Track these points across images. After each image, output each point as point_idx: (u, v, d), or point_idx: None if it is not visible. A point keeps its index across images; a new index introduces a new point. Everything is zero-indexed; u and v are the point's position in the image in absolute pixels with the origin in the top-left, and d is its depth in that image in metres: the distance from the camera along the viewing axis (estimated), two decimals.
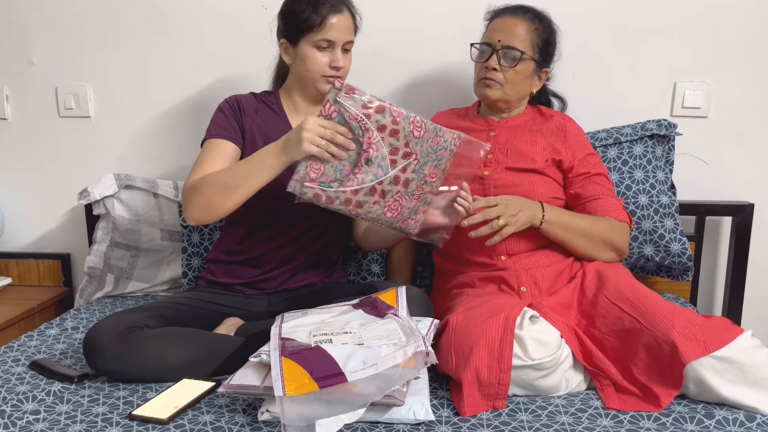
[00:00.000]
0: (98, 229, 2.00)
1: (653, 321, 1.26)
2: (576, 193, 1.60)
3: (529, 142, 1.61)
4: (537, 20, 1.59)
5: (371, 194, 1.32)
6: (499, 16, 1.61)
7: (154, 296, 1.96)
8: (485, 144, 1.41)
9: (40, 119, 2.10)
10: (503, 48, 1.55)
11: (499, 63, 1.55)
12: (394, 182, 1.33)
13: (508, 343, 1.22)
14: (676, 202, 1.82)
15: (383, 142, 1.29)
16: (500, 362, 1.21)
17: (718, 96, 1.94)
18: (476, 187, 1.56)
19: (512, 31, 1.56)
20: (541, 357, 1.23)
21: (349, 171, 1.30)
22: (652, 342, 1.24)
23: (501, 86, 1.57)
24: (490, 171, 1.58)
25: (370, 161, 1.29)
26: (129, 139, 2.09)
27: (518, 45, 1.55)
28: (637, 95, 1.95)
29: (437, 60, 1.97)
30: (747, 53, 1.91)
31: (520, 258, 1.52)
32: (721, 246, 2.02)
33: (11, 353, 1.49)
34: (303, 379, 1.11)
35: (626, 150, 1.81)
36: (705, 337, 1.21)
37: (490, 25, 1.62)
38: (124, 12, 2.01)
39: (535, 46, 1.58)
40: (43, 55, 2.06)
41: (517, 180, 1.56)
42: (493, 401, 1.22)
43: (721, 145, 1.96)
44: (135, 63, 2.04)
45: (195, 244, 1.86)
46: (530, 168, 1.57)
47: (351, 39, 1.53)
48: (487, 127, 1.65)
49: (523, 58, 1.55)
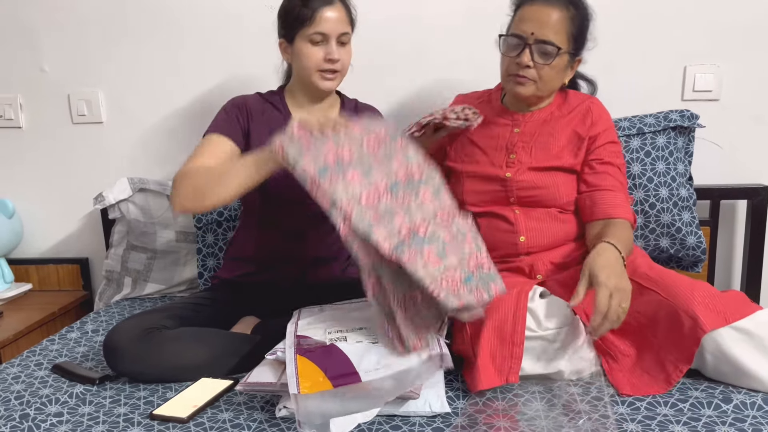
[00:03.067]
0: (114, 233, 2.03)
1: (673, 292, 1.26)
2: (586, 180, 1.52)
3: (554, 136, 1.52)
4: (572, 7, 1.45)
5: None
6: (530, 2, 1.45)
7: (171, 297, 1.98)
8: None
9: (53, 126, 2.13)
10: (537, 42, 1.42)
11: (532, 59, 1.43)
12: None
13: (521, 318, 1.23)
14: (694, 195, 1.80)
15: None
16: (513, 336, 1.22)
17: (729, 78, 1.92)
18: (497, 188, 1.50)
19: (546, 22, 1.41)
20: (554, 327, 1.24)
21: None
22: (672, 313, 1.23)
23: (534, 83, 1.45)
24: (512, 173, 1.49)
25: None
26: (141, 143, 2.12)
27: (553, 38, 1.41)
28: (647, 80, 1.93)
29: (442, 48, 1.97)
30: (757, 35, 1.89)
31: (540, 254, 1.50)
32: (737, 230, 2.00)
33: (34, 357, 1.52)
34: (317, 377, 1.12)
35: (649, 141, 1.79)
36: (725, 308, 1.21)
37: (520, 12, 1.46)
38: (132, 17, 2.02)
39: (570, 36, 1.44)
40: (54, 63, 2.09)
41: (540, 181, 1.49)
42: (507, 375, 1.22)
43: (734, 127, 1.94)
44: (144, 67, 2.06)
45: (209, 244, 1.88)
46: (554, 166, 1.50)
47: (345, 31, 1.52)
48: (511, 123, 1.55)
49: (559, 53, 1.43)
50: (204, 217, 1.87)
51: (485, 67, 1.64)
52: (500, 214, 1.50)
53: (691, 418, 1.13)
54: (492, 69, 1.57)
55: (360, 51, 1.60)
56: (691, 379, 1.26)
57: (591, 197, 1.50)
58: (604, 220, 1.45)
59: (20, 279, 2.20)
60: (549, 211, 1.49)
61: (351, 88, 1.70)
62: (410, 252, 1.16)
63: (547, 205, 1.49)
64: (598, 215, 1.47)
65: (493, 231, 1.50)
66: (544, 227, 1.48)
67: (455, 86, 1.77)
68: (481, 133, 1.55)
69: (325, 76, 1.52)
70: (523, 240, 1.48)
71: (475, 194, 1.53)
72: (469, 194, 1.53)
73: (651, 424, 1.12)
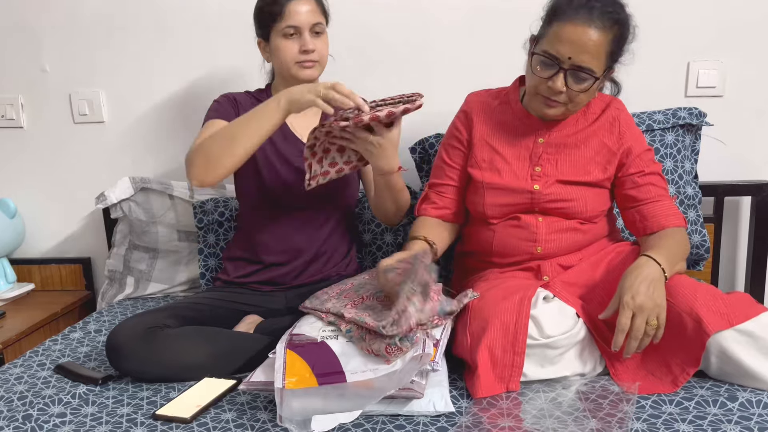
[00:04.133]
0: (117, 233, 2.03)
1: (676, 294, 1.25)
2: (630, 195, 1.46)
3: (581, 148, 1.45)
4: (617, 27, 1.33)
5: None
6: (571, 20, 1.30)
7: (173, 297, 1.98)
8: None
9: (55, 126, 2.13)
10: (572, 68, 1.32)
11: (566, 84, 1.34)
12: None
13: (523, 326, 1.22)
14: (700, 193, 1.79)
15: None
16: (514, 345, 1.21)
17: (733, 74, 1.91)
18: (524, 202, 1.45)
19: (585, 45, 1.30)
20: (557, 334, 1.23)
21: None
22: (675, 315, 1.23)
23: (564, 106, 1.38)
24: (540, 185, 1.44)
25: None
26: (143, 142, 2.11)
27: (591, 64, 1.31)
28: (651, 76, 1.92)
29: (445, 44, 1.96)
30: (761, 30, 1.88)
31: (550, 259, 1.47)
32: (741, 226, 2.00)
33: (36, 357, 1.52)
34: (304, 373, 1.13)
35: (658, 138, 1.78)
36: (728, 310, 1.20)
37: (558, 28, 1.32)
38: (134, 17, 2.02)
39: (608, 56, 1.34)
40: (55, 63, 2.08)
41: (568, 194, 1.44)
42: (507, 383, 1.22)
43: (738, 124, 1.93)
44: (146, 66, 2.06)
45: (211, 244, 1.87)
46: (584, 181, 1.44)
47: (317, 21, 1.54)
48: (535, 132, 1.47)
49: (596, 81, 1.34)
50: (205, 217, 1.86)
51: (490, 66, 1.63)
52: (521, 221, 1.46)
53: (696, 417, 1.13)
54: (495, 67, 1.57)
55: (358, 48, 1.60)
56: (697, 378, 1.25)
57: (640, 212, 1.45)
58: (657, 232, 1.42)
59: (23, 279, 2.20)
60: (571, 222, 1.45)
61: (349, 86, 1.69)
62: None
63: (572, 216, 1.46)
64: (651, 229, 1.43)
65: (510, 238, 1.47)
66: (564, 237, 1.45)
67: (459, 84, 1.76)
68: (501, 137, 1.50)
69: (304, 65, 1.54)
70: (540, 250, 1.45)
71: (497, 207, 1.47)
72: (491, 207, 1.48)
73: (656, 423, 1.12)
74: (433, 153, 1.83)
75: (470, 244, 1.58)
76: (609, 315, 1.24)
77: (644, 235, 1.46)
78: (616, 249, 1.48)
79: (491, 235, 1.49)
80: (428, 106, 1.95)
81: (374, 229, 1.85)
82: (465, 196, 1.57)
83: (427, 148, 1.86)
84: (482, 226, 1.52)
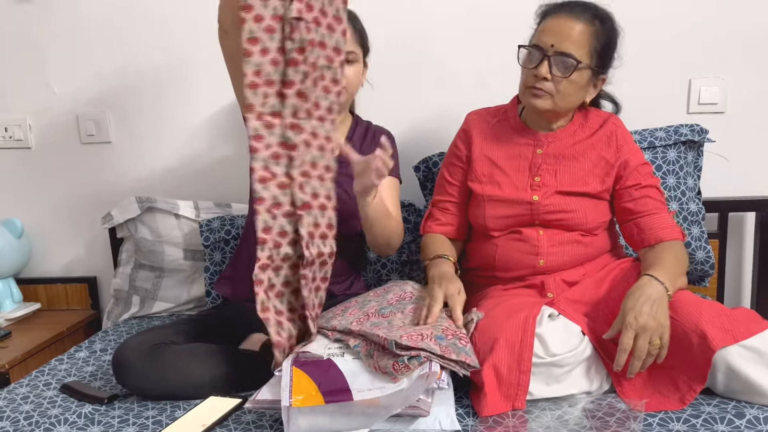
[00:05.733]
0: (123, 252, 2.04)
1: (680, 311, 1.25)
2: (627, 208, 1.48)
3: (579, 160, 1.48)
4: (598, 21, 1.40)
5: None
6: (553, 14, 1.41)
7: (179, 315, 1.98)
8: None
9: (62, 146, 2.15)
10: (556, 54, 1.38)
11: (550, 71, 1.39)
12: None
13: (528, 345, 1.22)
14: (703, 209, 1.80)
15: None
16: (520, 363, 1.21)
17: (734, 91, 1.93)
18: (522, 212, 1.47)
19: (567, 35, 1.37)
20: (563, 352, 1.23)
21: None
22: (680, 332, 1.22)
23: (551, 96, 1.41)
24: (539, 196, 1.46)
25: None
26: (149, 162, 2.13)
27: (573, 51, 1.37)
28: (653, 93, 1.94)
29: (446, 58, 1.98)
30: (761, 47, 1.90)
31: (554, 273, 1.48)
32: (745, 242, 2.00)
33: (42, 377, 1.52)
34: (311, 390, 1.13)
35: (660, 155, 1.79)
36: (733, 326, 1.20)
37: (542, 24, 1.43)
38: (140, 39, 2.05)
39: (593, 51, 1.40)
40: (63, 84, 2.11)
41: (568, 205, 1.46)
42: (513, 401, 1.21)
43: (741, 140, 1.94)
44: (152, 87, 2.08)
45: (217, 263, 1.88)
46: (581, 191, 1.47)
47: (349, 49, 1.54)
48: (533, 143, 1.51)
49: (579, 67, 1.39)
50: (212, 235, 1.87)
51: (492, 84, 1.65)
52: (522, 234, 1.48)
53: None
54: (498, 87, 1.58)
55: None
56: (704, 395, 1.24)
57: (637, 225, 1.47)
58: (654, 246, 1.43)
59: (29, 298, 2.21)
60: (572, 235, 1.47)
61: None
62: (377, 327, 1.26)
63: (572, 228, 1.47)
64: (648, 241, 1.45)
65: (512, 252, 1.48)
66: (566, 250, 1.46)
67: (461, 104, 1.78)
68: (501, 151, 1.53)
69: None
70: (542, 263, 1.46)
71: (498, 219, 1.49)
72: (492, 219, 1.50)
73: None
74: (436, 171, 1.84)
75: (474, 260, 1.59)
76: (613, 335, 1.25)
77: (642, 248, 1.47)
78: (620, 265, 1.48)
79: (494, 249, 1.50)
80: (431, 125, 2.00)
81: None
82: (467, 212, 1.59)
83: (430, 167, 1.88)
84: (485, 241, 1.53)
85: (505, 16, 1.91)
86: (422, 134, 1.99)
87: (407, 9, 1.96)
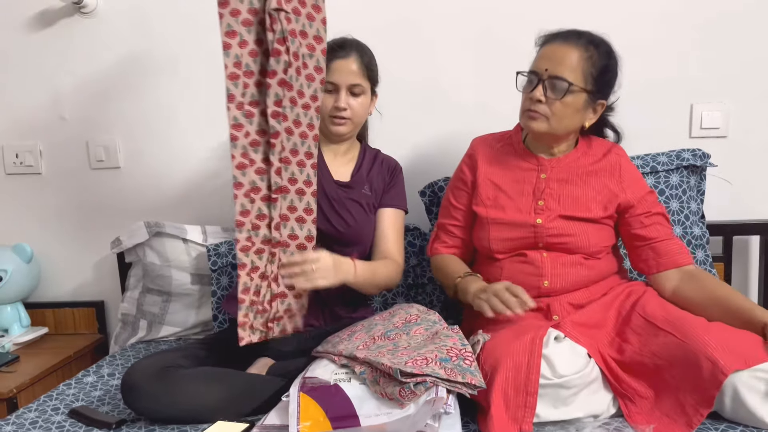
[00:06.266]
0: (131, 276, 2.06)
1: (689, 335, 1.25)
2: (638, 234, 1.52)
3: (582, 187, 1.52)
4: (592, 46, 1.45)
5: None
6: (550, 42, 1.48)
7: (186, 340, 1.99)
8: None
9: (72, 172, 2.18)
10: (550, 78, 1.43)
11: (544, 94, 1.44)
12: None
13: (535, 366, 1.22)
14: (707, 233, 1.81)
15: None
16: (527, 385, 1.21)
17: (736, 115, 1.95)
18: (526, 234, 1.50)
19: (561, 60, 1.43)
20: (569, 373, 1.23)
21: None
22: (689, 355, 1.22)
23: (547, 119, 1.46)
24: (543, 219, 1.49)
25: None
26: (157, 187, 2.16)
27: (566, 75, 1.42)
28: (655, 118, 1.96)
29: (452, 86, 2.01)
30: (762, 72, 1.92)
31: (559, 296, 1.49)
32: (750, 265, 2.00)
33: (51, 402, 1.52)
34: (318, 416, 1.13)
35: (663, 179, 1.81)
36: (743, 350, 1.20)
37: (540, 52, 1.49)
38: (149, 66, 2.09)
39: (588, 75, 1.44)
40: (73, 111, 2.14)
41: (570, 229, 1.48)
42: (520, 424, 1.21)
43: (744, 163, 1.95)
44: (161, 113, 2.11)
45: (224, 287, 1.89)
46: (585, 217, 1.49)
47: (356, 82, 1.58)
48: (537, 167, 1.54)
49: (572, 90, 1.43)
50: (219, 260, 1.89)
51: (495, 111, 1.67)
52: (527, 257, 1.50)
53: None
54: (502, 113, 1.60)
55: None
56: (711, 419, 1.24)
57: (653, 249, 1.51)
58: (680, 269, 1.48)
59: (36, 322, 2.22)
60: (575, 257, 1.49)
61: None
62: (380, 352, 1.27)
63: (575, 251, 1.49)
64: (665, 266, 1.49)
65: (516, 273, 1.49)
66: (570, 272, 1.48)
67: (466, 130, 1.80)
68: (505, 176, 1.56)
69: (335, 120, 1.60)
70: (547, 285, 1.47)
71: (502, 242, 1.52)
72: (496, 242, 1.52)
73: None
74: (442, 195, 1.86)
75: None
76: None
77: (659, 272, 1.50)
78: (626, 290, 1.49)
79: (499, 271, 1.52)
80: (436, 151, 2.02)
81: None
82: (471, 234, 1.61)
83: (436, 191, 1.89)
84: (490, 264, 1.55)
85: (508, 47, 1.94)
86: (428, 159, 2.02)
87: (414, 39, 1.99)
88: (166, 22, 2.06)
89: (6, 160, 2.19)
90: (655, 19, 1.93)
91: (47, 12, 2.09)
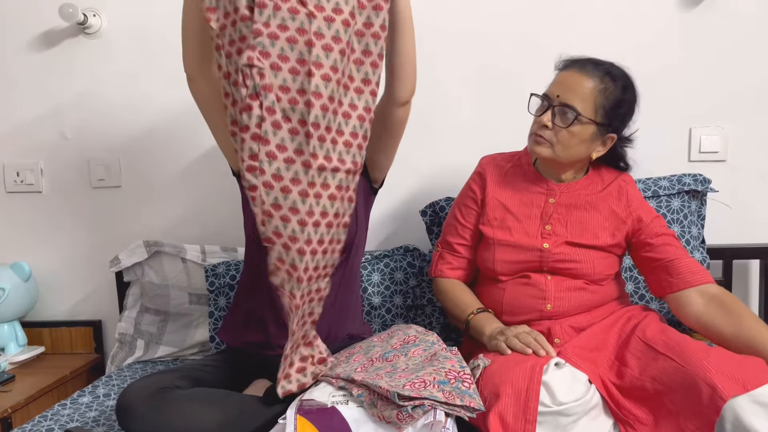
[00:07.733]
0: (129, 296, 2.05)
1: (689, 359, 1.24)
2: (651, 257, 1.50)
3: (590, 212, 1.51)
4: (608, 78, 1.43)
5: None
6: (567, 68, 1.46)
7: (183, 360, 1.98)
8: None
9: (73, 191, 2.18)
10: (560, 105, 1.42)
11: (552, 120, 1.43)
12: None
13: (534, 393, 1.21)
14: (708, 258, 1.81)
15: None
16: (526, 413, 1.20)
17: (734, 139, 1.96)
18: (533, 259, 1.49)
19: (573, 88, 1.42)
20: (569, 401, 1.22)
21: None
22: (689, 380, 1.21)
23: (551, 145, 1.44)
24: (549, 244, 1.49)
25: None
26: (157, 206, 2.16)
27: (576, 104, 1.41)
28: (654, 142, 1.95)
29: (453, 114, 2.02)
30: (761, 96, 1.94)
31: (560, 319, 1.48)
32: (751, 289, 1.99)
33: (45, 422, 1.51)
34: None
35: (664, 204, 1.81)
36: (743, 375, 1.19)
37: (557, 76, 1.48)
38: (149, 86, 2.10)
39: (599, 107, 1.42)
40: (75, 130, 2.15)
41: (576, 255, 1.48)
42: None
43: (743, 187, 1.96)
44: (162, 132, 2.12)
45: (221, 308, 1.89)
46: (592, 245, 1.49)
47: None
48: (546, 192, 1.54)
49: (580, 120, 1.41)
50: (217, 280, 1.88)
51: (499, 131, 1.68)
52: (531, 279, 1.49)
53: None
54: (504, 131, 1.61)
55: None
56: None
57: (667, 269, 1.48)
58: (698, 291, 1.44)
59: (33, 341, 2.21)
60: (579, 282, 1.48)
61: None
62: (377, 375, 1.26)
63: (580, 277, 1.49)
64: (680, 285, 1.46)
65: (520, 296, 1.49)
66: (573, 296, 1.47)
67: (468, 149, 1.81)
68: (514, 197, 1.56)
69: None
70: (550, 308, 1.47)
71: (507, 264, 1.51)
72: (501, 263, 1.52)
73: None
74: (443, 215, 1.86)
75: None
76: None
77: (677, 291, 1.46)
78: (627, 314, 1.48)
79: (501, 293, 1.51)
80: (439, 171, 2.03)
81: (383, 291, 1.87)
82: (476, 254, 1.60)
83: (437, 211, 1.90)
84: (492, 285, 1.54)
85: (512, 73, 1.97)
86: (429, 180, 2.02)
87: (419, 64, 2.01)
88: (169, 43, 2.08)
89: (7, 179, 2.19)
90: (654, 45, 1.95)
91: (51, 32, 2.11)
